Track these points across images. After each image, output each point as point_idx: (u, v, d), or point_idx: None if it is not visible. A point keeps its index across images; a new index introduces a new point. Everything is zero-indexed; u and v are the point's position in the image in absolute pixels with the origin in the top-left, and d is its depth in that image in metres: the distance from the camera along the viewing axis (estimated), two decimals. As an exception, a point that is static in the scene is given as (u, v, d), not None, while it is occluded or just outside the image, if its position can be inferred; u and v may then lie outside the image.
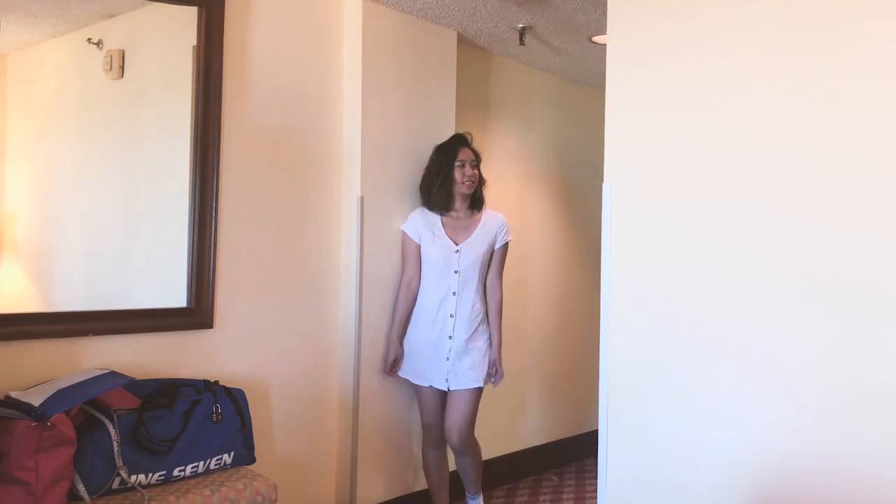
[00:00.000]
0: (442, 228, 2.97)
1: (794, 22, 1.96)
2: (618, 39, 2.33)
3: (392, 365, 3.02)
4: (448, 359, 2.89)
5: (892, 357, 1.78)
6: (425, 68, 3.31)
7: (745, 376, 2.02)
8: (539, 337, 4.10)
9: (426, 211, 3.02)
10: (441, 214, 2.99)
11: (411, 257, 3.00)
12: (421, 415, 3.05)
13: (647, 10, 2.26)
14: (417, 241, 2.99)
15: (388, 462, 3.16)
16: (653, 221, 2.23)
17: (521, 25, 3.34)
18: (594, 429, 2.46)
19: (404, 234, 3.02)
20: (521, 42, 3.44)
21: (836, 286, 1.87)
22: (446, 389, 2.92)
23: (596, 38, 3.50)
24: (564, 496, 3.70)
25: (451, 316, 2.89)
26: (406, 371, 3.01)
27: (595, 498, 2.41)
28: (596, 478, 2.37)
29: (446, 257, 2.90)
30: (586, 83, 4.35)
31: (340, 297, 3.08)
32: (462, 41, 3.53)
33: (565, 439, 4.27)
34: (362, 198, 3.04)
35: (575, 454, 4.28)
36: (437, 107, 3.36)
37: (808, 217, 1.92)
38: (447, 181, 2.94)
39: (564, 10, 3.15)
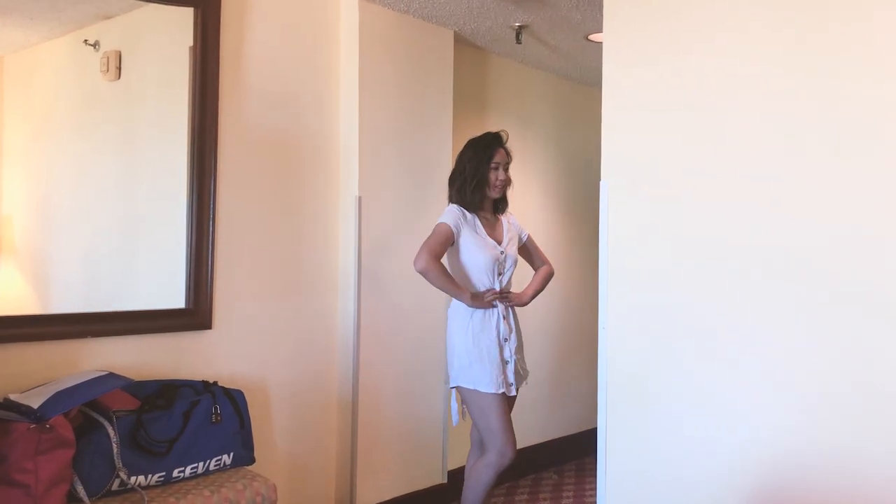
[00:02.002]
0: (483, 228, 2.77)
1: (791, 21, 1.96)
2: (614, 38, 2.33)
3: (483, 296, 2.68)
4: (508, 362, 2.71)
5: (893, 354, 1.79)
6: (422, 68, 3.31)
7: (744, 373, 2.02)
8: (538, 335, 4.10)
9: (462, 208, 2.76)
10: (475, 214, 2.78)
11: (444, 241, 2.68)
12: (500, 434, 2.63)
13: (644, 9, 2.26)
14: (455, 235, 2.70)
15: (388, 461, 3.17)
16: (650, 219, 2.23)
17: (517, 24, 3.35)
18: (594, 427, 2.47)
19: (443, 223, 2.70)
20: (518, 41, 3.44)
21: (836, 282, 1.87)
22: (513, 394, 2.73)
23: (592, 37, 3.50)
24: (564, 494, 3.71)
25: (504, 318, 2.73)
26: (479, 381, 2.64)
27: (595, 496, 2.41)
28: (596, 476, 2.37)
29: (494, 258, 2.72)
30: (583, 81, 4.35)
31: (339, 297, 3.08)
32: (459, 40, 3.53)
33: (565, 437, 4.28)
34: (360, 198, 3.04)
35: (575, 452, 4.28)
36: (434, 106, 3.36)
37: (806, 214, 1.93)
38: (482, 183, 2.75)
39: (561, 9, 3.15)
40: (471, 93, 3.73)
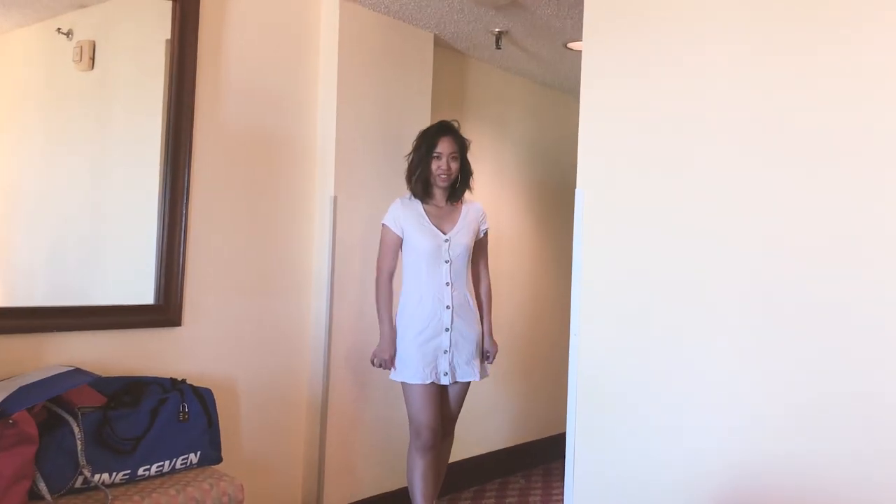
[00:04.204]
0: (427, 217, 2.83)
1: (774, 38, 2.00)
2: (593, 47, 2.35)
3: (381, 352, 2.84)
4: (447, 352, 2.79)
5: (849, 365, 1.83)
6: (401, 69, 3.31)
7: (711, 381, 2.06)
8: (508, 340, 4.12)
9: (406, 200, 2.88)
10: (423, 202, 2.87)
11: (391, 250, 2.84)
12: (416, 417, 2.81)
13: (623, 19, 2.29)
14: (399, 234, 2.83)
15: (356, 463, 3.16)
16: (624, 229, 2.26)
17: (497, 30, 3.36)
18: (561, 432, 2.49)
19: (385, 227, 2.86)
20: (498, 46, 3.46)
21: (800, 297, 1.91)
22: (448, 384, 2.81)
23: (571, 45, 3.54)
24: (531, 499, 3.73)
25: (448, 307, 2.78)
26: (403, 373, 2.81)
27: (561, 500, 2.43)
28: (563, 480, 2.39)
29: (437, 247, 2.79)
30: (561, 89, 4.39)
31: (311, 296, 3.07)
32: (439, 44, 3.54)
33: (533, 442, 4.30)
34: (335, 198, 3.03)
35: (542, 457, 4.31)
36: (412, 108, 3.36)
37: (781, 227, 1.96)
38: (425, 172, 2.83)
39: (540, 16, 3.18)
40: (449, 96, 3.74)
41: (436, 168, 2.82)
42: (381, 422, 3.24)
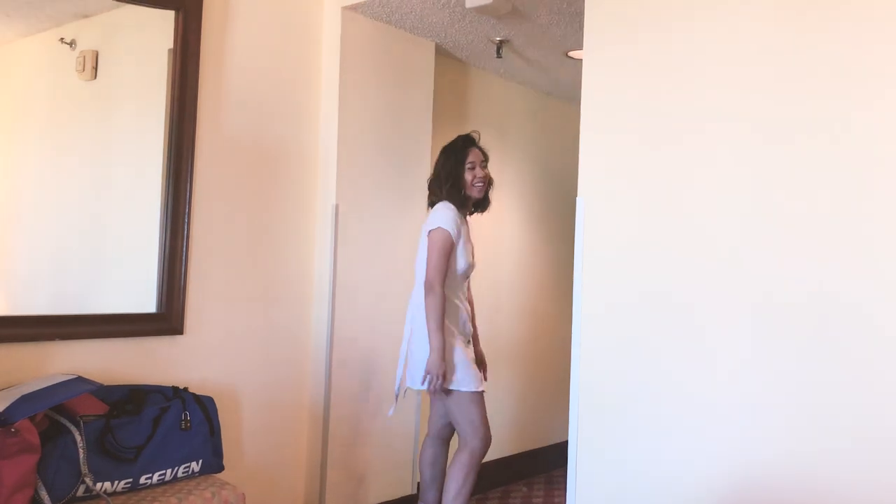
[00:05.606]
0: (468, 235, 2.80)
1: (774, 44, 2.01)
2: (594, 55, 2.36)
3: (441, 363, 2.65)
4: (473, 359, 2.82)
5: (858, 373, 1.83)
6: (403, 78, 3.32)
7: (716, 390, 2.06)
8: (510, 348, 4.12)
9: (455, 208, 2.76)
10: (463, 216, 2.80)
11: (445, 259, 2.67)
12: (484, 424, 2.75)
13: (623, 27, 2.30)
14: (456, 243, 2.71)
15: (358, 471, 3.15)
16: (625, 237, 2.26)
17: (498, 39, 3.38)
18: (564, 440, 2.48)
19: (446, 232, 2.67)
20: (499, 55, 3.47)
21: (804, 304, 1.92)
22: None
23: (572, 53, 3.55)
24: (533, 507, 3.72)
25: (469, 320, 2.86)
26: (471, 382, 2.72)
27: (563, 509, 2.43)
28: (564, 489, 2.39)
29: (471, 266, 2.80)
30: (562, 97, 4.40)
31: (313, 305, 3.07)
32: (440, 52, 3.55)
33: (535, 450, 4.29)
34: (337, 206, 3.04)
35: (544, 465, 4.30)
36: (414, 117, 3.37)
37: (778, 236, 1.97)
38: (457, 184, 2.77)
39: (541, 25, 3.19)
40: (451, 104, 3.75)
41: (472, 179, 2.78)
42: (384, 430, 3.23)
